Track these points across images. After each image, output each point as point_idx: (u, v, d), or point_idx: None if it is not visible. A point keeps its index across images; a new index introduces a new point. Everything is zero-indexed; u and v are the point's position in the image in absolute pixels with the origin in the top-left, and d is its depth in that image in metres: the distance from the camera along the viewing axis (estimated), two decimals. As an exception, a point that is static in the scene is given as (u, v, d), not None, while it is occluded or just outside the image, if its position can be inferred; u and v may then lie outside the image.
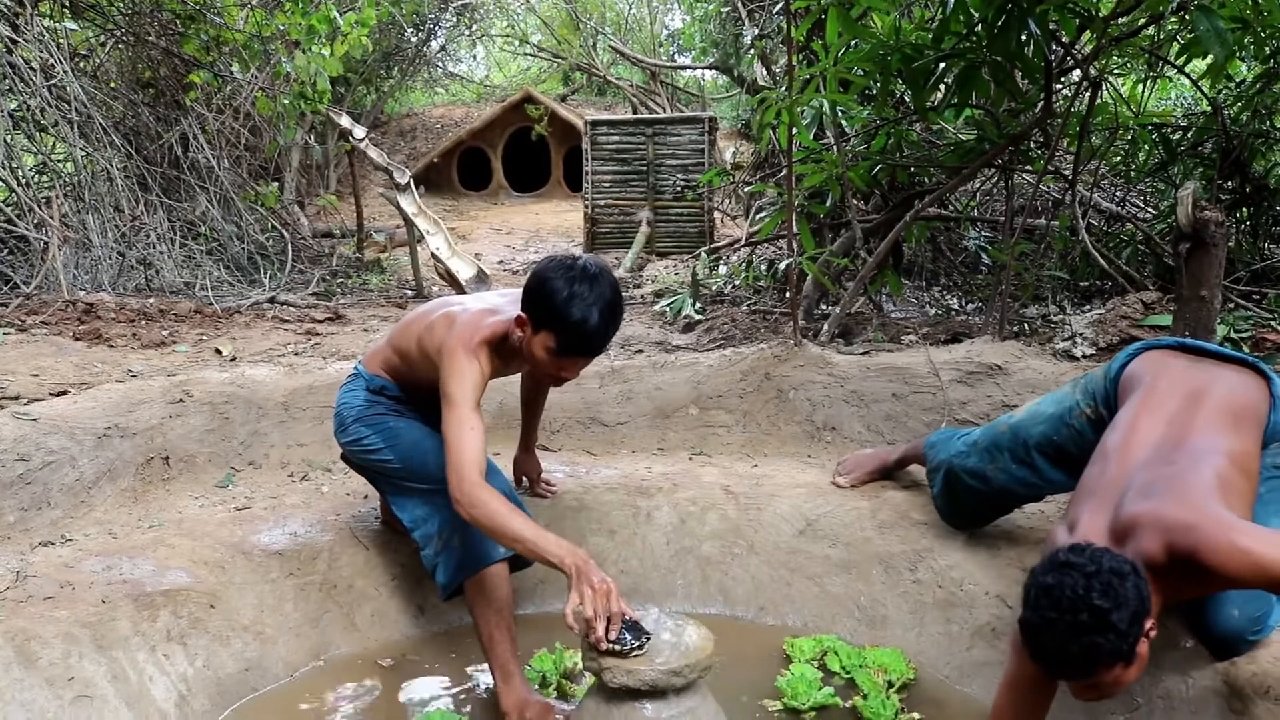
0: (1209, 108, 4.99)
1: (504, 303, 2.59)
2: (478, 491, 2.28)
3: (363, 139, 7.97)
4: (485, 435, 2.39)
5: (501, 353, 2.53)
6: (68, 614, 2.35)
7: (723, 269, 7.40)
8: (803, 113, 4.14)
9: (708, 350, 4.62)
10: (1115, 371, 2.44)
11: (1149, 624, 1.82)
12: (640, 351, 4.81)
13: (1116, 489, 2.07)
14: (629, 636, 2.07)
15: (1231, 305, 4.35)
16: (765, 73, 7.84)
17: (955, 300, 5.89)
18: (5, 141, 5.95)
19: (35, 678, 2.16)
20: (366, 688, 2.64)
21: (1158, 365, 2.35)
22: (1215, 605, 2.09)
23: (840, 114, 4.67)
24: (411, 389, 2.77)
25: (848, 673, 2.65)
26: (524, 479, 3.28)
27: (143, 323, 5.22)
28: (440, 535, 2.60)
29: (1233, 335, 3.98)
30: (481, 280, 7.01)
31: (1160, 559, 1.88)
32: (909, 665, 2.68)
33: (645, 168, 10.20)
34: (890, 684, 2.59)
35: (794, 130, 3.99)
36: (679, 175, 10.00)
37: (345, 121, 8.15)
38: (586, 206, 10.49)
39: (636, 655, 2.06)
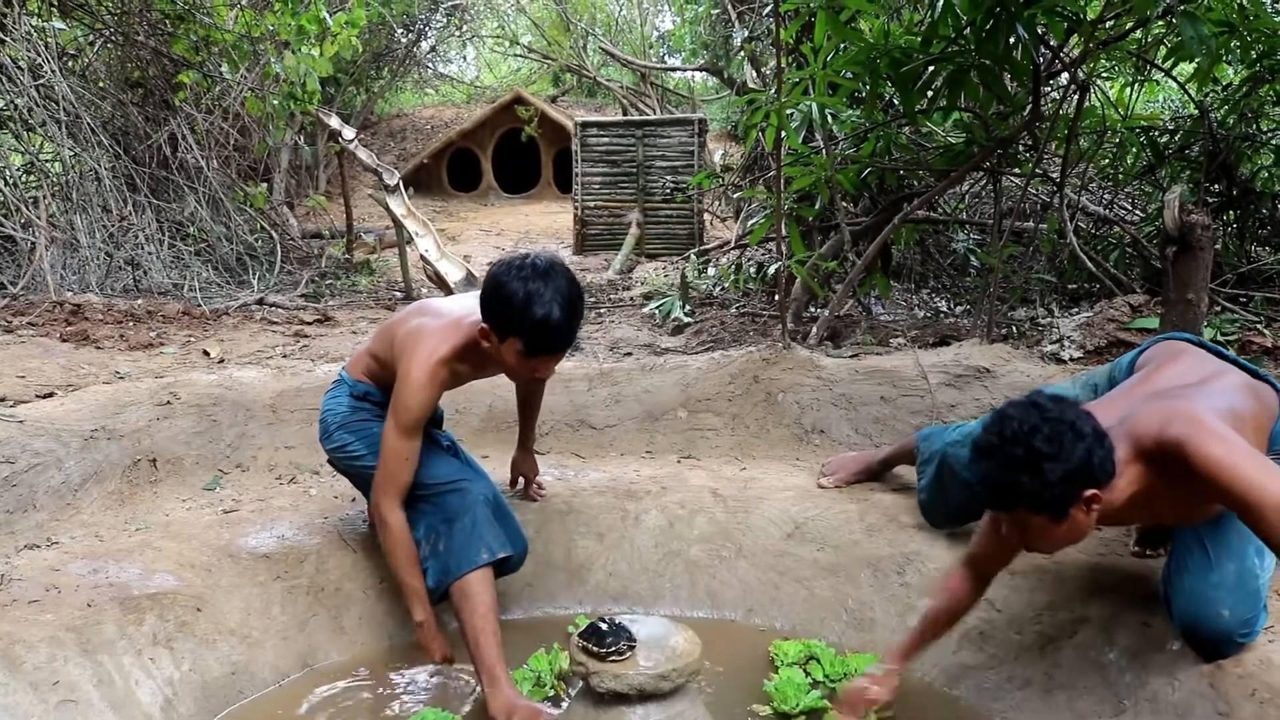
0: (1196, 111, 5.01)
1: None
2: (392, 514, 2.55)
3: (352, 140, 7.95)
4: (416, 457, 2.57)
5: (473, 359, 2.53)
6: (53, 618, 2.34)
7: (712, 271, 7.42)
8: (791, 115, 4.14)
9: (697, 353, 4.63)
10: (1128, 362, 2.48)
11: (1090, 493, 1.83)
12: (629, 354, 4.81)
13: (1130, 401, 2.12)
14: (613, 640, 2.07)
15: (1218, 308, 4.37)
16: (755, 75, 7.85)
17: (944, 303, 5.91)
18: (-8, 141, 5.93)
19: (19, 682, 2.15)
20: (354, 691, 2.63)
21: (1177, 346, 2.41)
22: (1205, 604, 2.10)
23: (829, 117, 4.69)
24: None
25: (832, 681, 2.65)
26: (519, 480, 3.28)
27: (130, 324, 5.20)
28: (425, 540, 2.59)
29: (1219, 338, 4.00)
30: (470, 282, 6.98)
31: (1149, 443, 1.92)
32: (891, 673, 2.67)
33: (635, 169, 10.20)
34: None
35: (783, 133, 3.99)
36: (669, 177, 10.01)
37: (335, 122, 8.13)
38: (576, 208, 10.48)
39: (624, 659, 2.06)
